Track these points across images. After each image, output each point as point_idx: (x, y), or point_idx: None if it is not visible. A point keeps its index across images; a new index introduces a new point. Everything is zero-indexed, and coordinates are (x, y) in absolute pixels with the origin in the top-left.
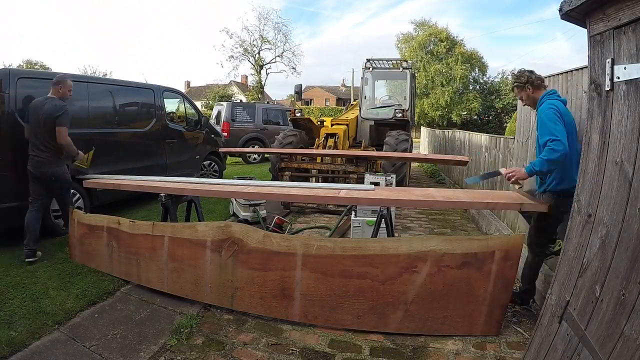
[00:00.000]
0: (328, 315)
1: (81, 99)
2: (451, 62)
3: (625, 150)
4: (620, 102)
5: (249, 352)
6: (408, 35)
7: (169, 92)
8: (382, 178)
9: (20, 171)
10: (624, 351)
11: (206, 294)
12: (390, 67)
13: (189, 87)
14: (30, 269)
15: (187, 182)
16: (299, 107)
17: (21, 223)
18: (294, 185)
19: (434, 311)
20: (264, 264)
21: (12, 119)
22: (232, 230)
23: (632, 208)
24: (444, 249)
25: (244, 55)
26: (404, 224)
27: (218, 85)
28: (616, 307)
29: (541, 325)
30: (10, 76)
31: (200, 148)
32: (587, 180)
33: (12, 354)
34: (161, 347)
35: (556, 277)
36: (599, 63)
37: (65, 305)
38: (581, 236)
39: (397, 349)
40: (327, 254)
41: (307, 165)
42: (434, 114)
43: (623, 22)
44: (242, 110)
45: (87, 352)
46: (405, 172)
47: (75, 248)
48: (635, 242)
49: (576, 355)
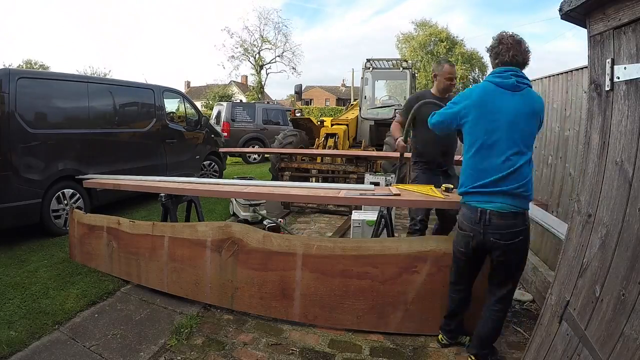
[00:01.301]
0: (328, 315)
1: (81, 99)
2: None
3: (625, 150)
4: (620, 102)
5: (249, 352)
6: (408, 35)
7: (169, 92)
8: (382, 178)
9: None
10: (624, 351)
11: (206, 294)
12: (390, 67)
13: (189, 87)
14: (30, 269)
15: (187, 182)
16: (299, 107)
17: (21, 223)
18: (294, 185)
19: (434, 311)
20: (264, 264)
21: (12, 118)
22: (232, 230)
23: (632, 208)
24: (444, 249)
25: (244, 55)
26: (404, 224)
27: (218, 85)
28: (616, 307)
29: (541, 325)
30: (10, 76)
31: (200, 148)
32: (587, 180)
33: (12, 354)
34: (161, 347)
35: (556, 277)
36: (599, 63)
37: (65, 305)
38: (581, 236)
39: (397, 349)
40: (327, 254)
41: (307, 165)
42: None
43: (623, 22)
44: (242, 110)
45: (87, 352)
46: (405, 172)
47: (75, 248)
48: (635, 242)
49: (576, 355)
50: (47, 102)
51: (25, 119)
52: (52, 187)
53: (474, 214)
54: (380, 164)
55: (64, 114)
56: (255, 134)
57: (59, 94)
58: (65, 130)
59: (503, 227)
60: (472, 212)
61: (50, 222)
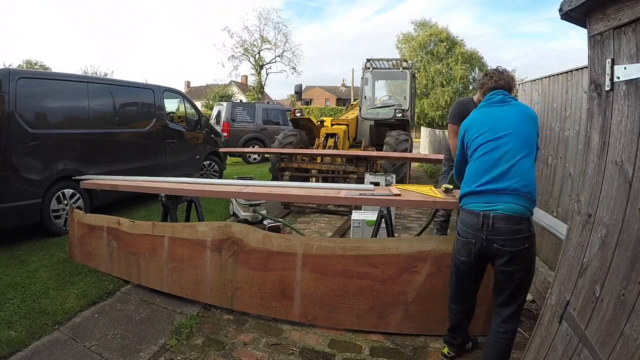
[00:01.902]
0: (328, 315)
1: (81, 99)
2: (451, 62)
3: (625, 150)
4: (620, 102)
5: (249, 352)
6: (408, 36)
7: (169, 92)
8: (382, 178)
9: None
10: (624, 351)
11: (206, 294)
12: (390, 67)
13: (189, 87)
14: (30, 269)
15: (187, 182)
16: (299, 107)
17: (21, 223)
18: (294, 185)
19: (434, 311)
20: (264, 264)
21: (12, 118)
22: (232, 230)
23: (632, 208)
24: (444, 249)
25: (244, 55)
26: (404, 224)
27: (218, 85)
28: (616, 307)
29: (541, 325)
30: (10, 76)
31: (200, 148)
32: (587, 180)
33: (12, 354)
34: (161, 347)
35: (556, 277)
36: (599, 63)
37: (65, 305)
38: (581, 236)
39: (397, 349)
40: (327, 254)
41: (307, 165)
42: (434, 114)
43: (623, 22)
44: (242, 110)
45: (87, 352)
46: (405, 172)
47: (75, 248)
48: (635, 242)
49: (576, 355)
50: (47, 102)
51: (25, 119)
52: (52, 187)
53: (476, 219)
54: (380, 164)
55: (64, 114)
56: (255, 134)
57: (59, 94)
58: (65, 130)
59: (508, 233)
60: (474, 216)
61: (50, 222)
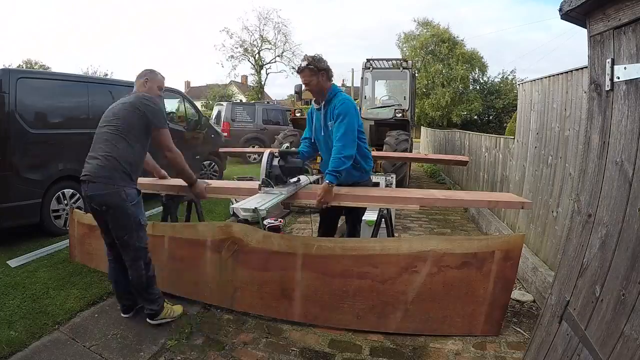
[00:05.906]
0: (328, 315)
1: (81, 99)
2: (452, 63)
3: (625, 150)
4: (620, 102)
5: (249, 352)
6: (409, 35)
7: (169, 92)
8: (382, 178)
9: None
10: (624, 351)
11: (206, 294)
12: (390, 67)
13: (189, 87)
14: (30, 269)
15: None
16: (299, 107)
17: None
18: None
19: (434, 311)
20: (264, 264)
21: (12, 118)
22: (232, 230)
23: (632, 208)
24: (444, 249)
25: (244, 55)
26: (404, 224)
27: (218, 85)
28: (616, 307)
29: (541, 325)
30: (10, 76)
31: (200, 148)
32: (587, 180)
33: (12, 354)
34: (161, 347)
35: (556, 277)
36: (599, 63)
37: (65, 305)
38: (581, 236)
39: (397, 349)
40: (327, 253)
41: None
42: (434, 114)
43: (623, 22)
44: (242, 110)
45: (87, 352)
46: (406, 172)
47: (75, 248)
48: (635, 242)
49: (576, 355)
50: (47, 102)
51: (25, 119)
52: (52, 187)
53: None
54: (380, 164)
55: (64, 114)
56: (255, 134)
57: (59, 94)
58: (65, 130)
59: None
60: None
61: (50, 222)
